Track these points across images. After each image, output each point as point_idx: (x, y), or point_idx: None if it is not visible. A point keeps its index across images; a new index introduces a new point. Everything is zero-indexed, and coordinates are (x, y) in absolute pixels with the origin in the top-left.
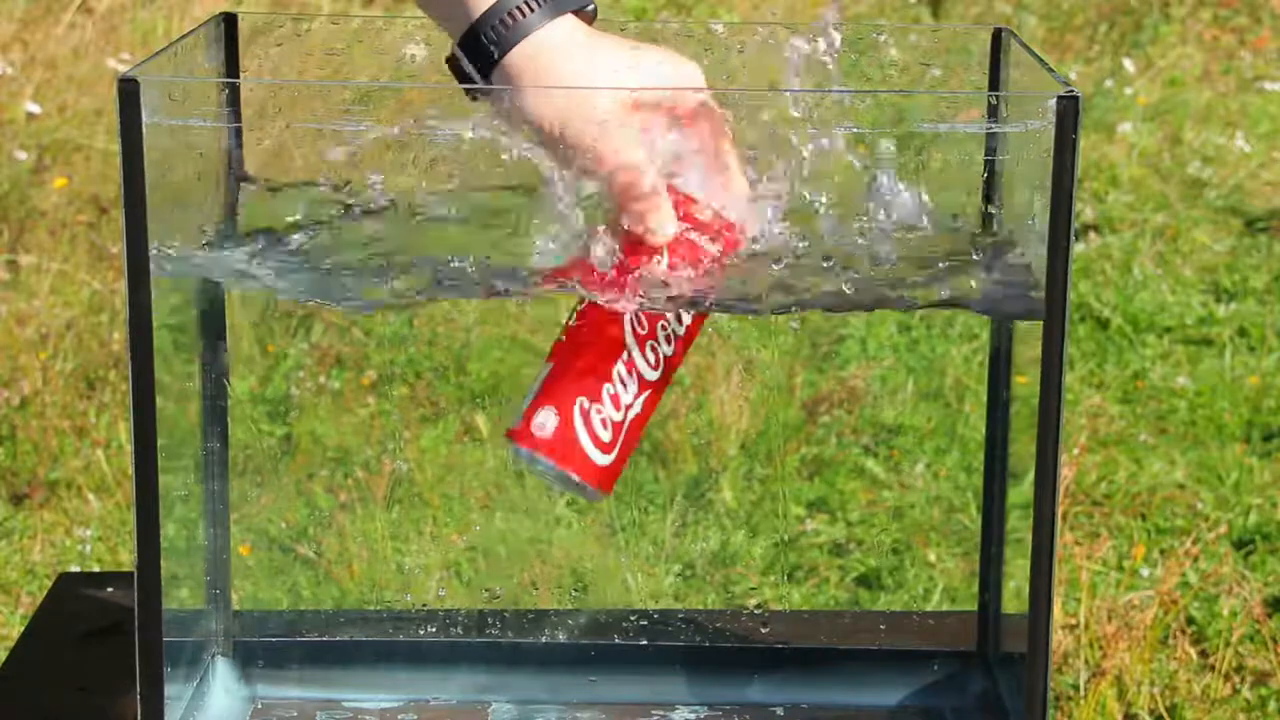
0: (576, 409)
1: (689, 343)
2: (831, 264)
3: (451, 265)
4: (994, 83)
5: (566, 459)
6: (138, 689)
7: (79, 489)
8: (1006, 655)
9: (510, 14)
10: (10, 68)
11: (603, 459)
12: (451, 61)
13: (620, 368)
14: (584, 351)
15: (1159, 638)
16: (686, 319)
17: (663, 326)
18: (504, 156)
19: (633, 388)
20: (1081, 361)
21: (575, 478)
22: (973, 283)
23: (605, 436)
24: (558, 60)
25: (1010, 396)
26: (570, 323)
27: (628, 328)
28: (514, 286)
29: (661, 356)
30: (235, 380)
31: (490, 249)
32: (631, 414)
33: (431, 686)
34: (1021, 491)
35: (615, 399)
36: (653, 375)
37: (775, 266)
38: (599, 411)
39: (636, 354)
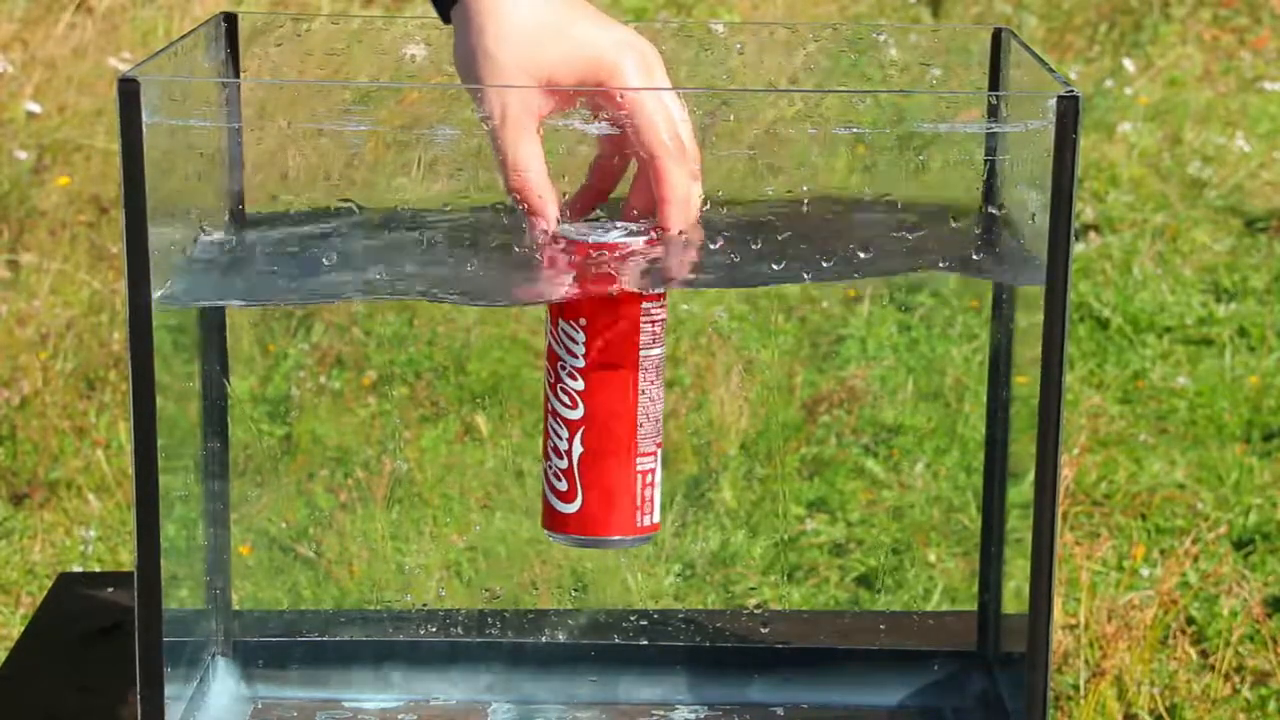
0: (543, 475)
1: (612, 369)
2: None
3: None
4: (994, 83)
5: (548, 522)
6: (138, 689)
7: (79, 489)
8: (1006, 655)
9: None
10: (10, 67)
11: (567, 508)
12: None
13: (550, 419)
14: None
15: (1159, 638)
16: (580, 349)
17: (561, 366)
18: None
19: (564, 432)
20: (1081, 361)
21: (557, 536)
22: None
23: (562, 486)
24: (506, 6)
25: (1010, 396)
26: None
27: (544, 382)
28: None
29: (574, 393)
30: (235, 380)
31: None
32: (576, 455)
33: (431, 686)
34: (1021, 491)
35: (556, 449)
36: (574, 414)
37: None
38: (551, 468)
39: (553, 400)
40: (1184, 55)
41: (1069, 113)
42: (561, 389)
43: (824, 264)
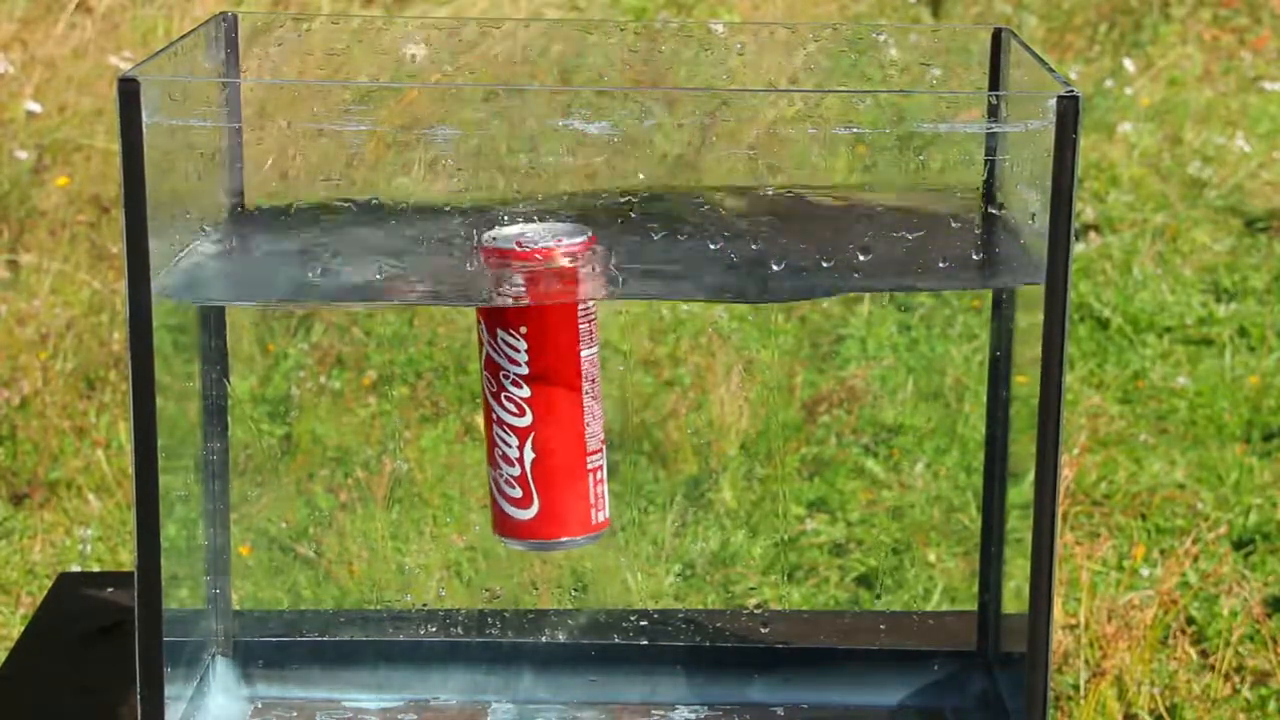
0: (491, 484)
1: (556, 373)
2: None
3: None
4: (994, 83)
5: (503, 529)
6: (138, 689)
7: (79, 489)
8: (1006, 655)
9: None
10: (10, 67)
11: (523, 514)
12: None
13: (496, 428)
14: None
15: (1159, 638)
16: (522, 357)
17: (504, 375)
18: None
19: (513, 440)
20: (1081, 361)
21: (514, 542)
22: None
23: (516, 493)
24: None
25: (1010, 396)
26: None
27: (484, 393)
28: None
29: (520, 400)
30: (235, 380)
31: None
32: (529, 462)
33: (431, 686)
34: (1021, 491)
35: (506, 457)
36: (522, 422)
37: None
38: (502, 475)
39: (498, 410)
40: (1184, 55)
41: (1069, 113)
42: (506, 397)
43: (794, 278)
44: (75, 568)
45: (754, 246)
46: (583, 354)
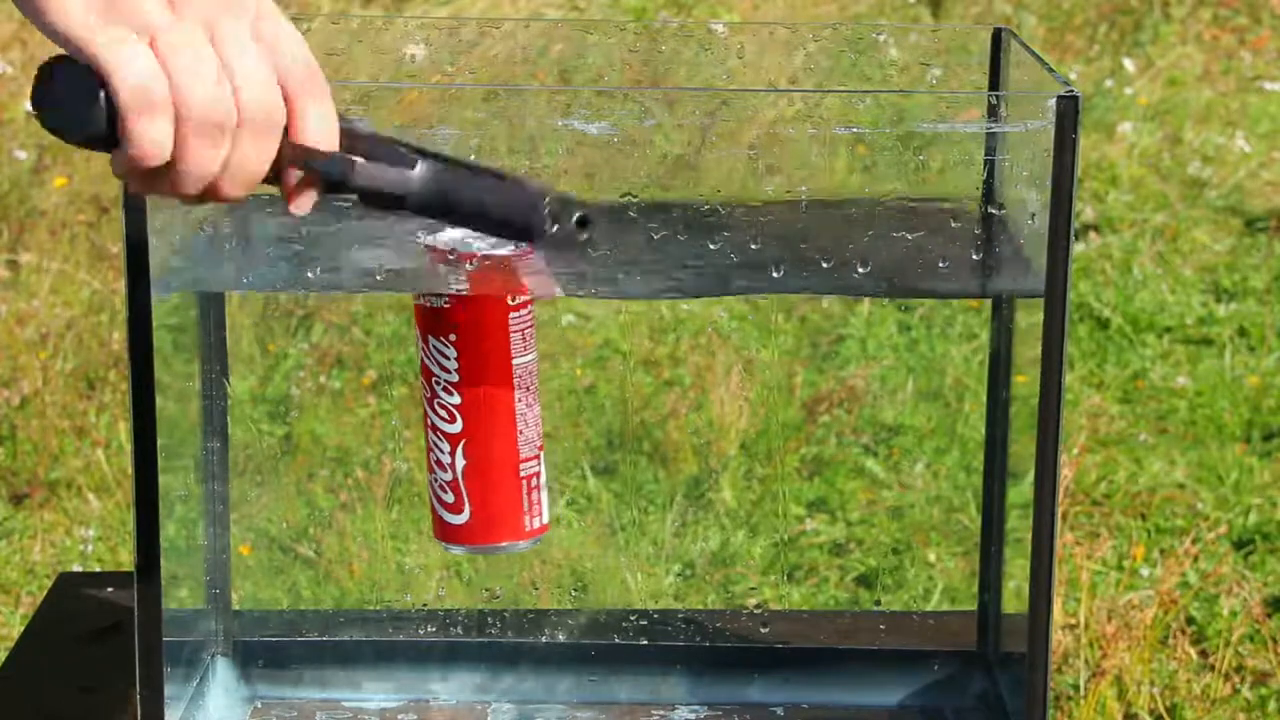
0: (428, 488)
1: (486, 381)
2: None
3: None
4: (994, 83)
5: (439, 533)
6: (138, 689)
7: (79, 489)
8: (1006, 655)
9: None
10: (10, 67)
11: (456, 519)
12: None
13: (430, 434)
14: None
15: (1159, 638)
16: (452, 365)
17: (436, 381)
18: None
19: (446, 446)
20: (1081, 361)
21: (451, 546)
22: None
23: (449, 498)
24: None
25: (1010, 396)
26: None
27: (422, 398)
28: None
29: (451, 407)
30: (235, 380)
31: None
32: (460, 468)
33: (431, 686)
34: (1021, 491)
35: (440, 463)
36: (453, 428)
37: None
38: (436, 480)
39: (432, 416)
40: (1184, 55)
41: (1069, 113)
42: (439, 404)
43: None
44: (75, 568)
45: (713, 248)
46: (515, 361)
